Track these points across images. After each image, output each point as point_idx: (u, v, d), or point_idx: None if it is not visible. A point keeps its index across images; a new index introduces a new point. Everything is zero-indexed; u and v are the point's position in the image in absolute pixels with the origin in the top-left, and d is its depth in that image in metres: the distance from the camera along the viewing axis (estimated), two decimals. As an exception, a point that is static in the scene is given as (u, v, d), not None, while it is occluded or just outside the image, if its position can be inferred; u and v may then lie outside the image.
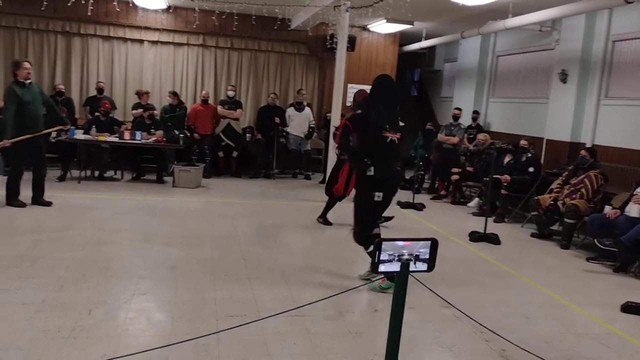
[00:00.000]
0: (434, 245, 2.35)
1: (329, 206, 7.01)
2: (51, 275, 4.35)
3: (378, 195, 4.42)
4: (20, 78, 6.51)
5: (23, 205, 6.70)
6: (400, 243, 2.27)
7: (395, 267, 2.28)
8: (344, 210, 6.42)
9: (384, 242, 2.23)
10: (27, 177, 6.90)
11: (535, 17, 8.26)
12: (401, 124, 4.56)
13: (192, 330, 3.52)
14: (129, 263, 4.88)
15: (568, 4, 7.58)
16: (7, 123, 6.44)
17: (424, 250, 2.30)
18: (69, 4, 8.08)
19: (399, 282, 2.31)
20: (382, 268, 2.27)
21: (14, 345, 3.15)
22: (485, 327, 3.31)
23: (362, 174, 4.48)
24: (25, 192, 6.87)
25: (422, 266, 2.33)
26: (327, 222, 6.97)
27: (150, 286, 4.33)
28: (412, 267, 2.30)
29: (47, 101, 7.03)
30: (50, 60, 10.59)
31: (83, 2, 8.16)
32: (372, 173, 4.37)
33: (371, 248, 4.29)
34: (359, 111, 4.58)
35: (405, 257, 2.24)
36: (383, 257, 2.23)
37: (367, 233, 4.52)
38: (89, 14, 8.85)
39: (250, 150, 10.54)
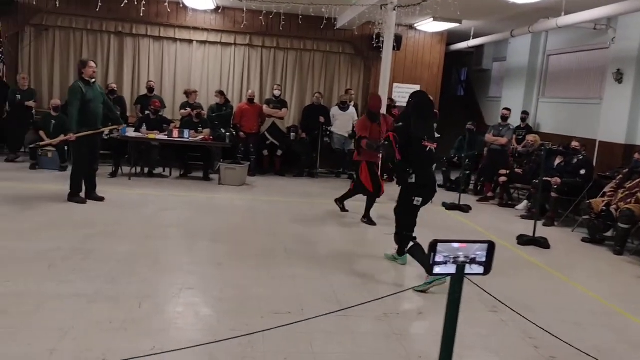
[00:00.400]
0: (491, 248, 2.29)
1: (369, 206, 7.05)
2: (103, 268, 4.50)
3: (417, 200, 4.82)
4: (85, 76, 6.76)
5: (84, 201, 6.88)
6: (455, 245, 2.22)
7: (450, 269, 2.24)
8: (387, 210, 6.38)
9: (439, 244, 2.19)
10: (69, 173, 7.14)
11: (590, 15, 7.98)
12: (437, 135, 5.13)
13: (237, 326, 3.57)
14: (177, 258, 4.99)
15: (625, 1, 7.29)
16: (71, 118, 6.73)
17: (480, 252, 2.25)
18: (122, 5, 8.30)
19: (454, 284, 2.27)
20: (437, 270, 2.23)
21: (69, 335, 3.27)
22: (540, 326, 3.22)
23: (404, 181, 4.85)
24: (65, 184, 7.12)
25: (478, 269, 2.28)
26: (371, 222, 6.97)
27: (197, 281, 4.42)
28: (467, 270, 2.25)
29: (107, 101, 7.29)
30: (103, 60, 10.95)
31: (136, 3, 8.37)
32: (413, 180, 4.76)
33: (410, 245, 4.83)
34: (400, 124, 4.90)
35: (461, 259, 2.20)
36: (438, 258, 2.18)
37: (406, 233, 4.91)
38: (142, 14, 9.08)
39: (294, 149, 10.61)
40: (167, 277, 4.44)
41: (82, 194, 7.00)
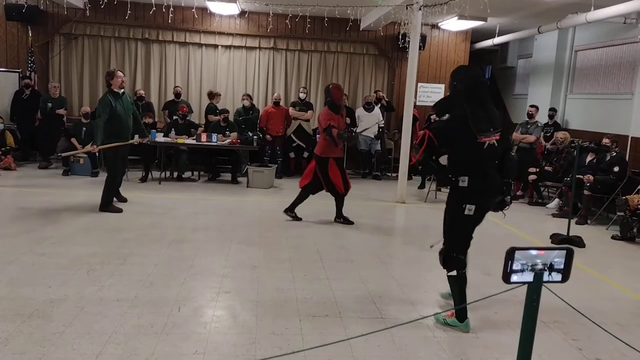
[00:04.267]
0: (570, 254, 2.22)
1: (339, 205, 6.85)
2: (141, 272, 4.57)
3: (470, 208, 3.72)
4: (114, 87, 6.75)
5: (119, 210, 6.88)
6: (533, 252, 2.16)
7: (527, 277, 2.18)
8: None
9: (517, 251, 2.14)
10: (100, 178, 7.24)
11: (621, 9, 7.85)
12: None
13: (276, 329, 3.59)
14: (212, 261, 5.04)
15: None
16: (97, 130, 6.73)
17: (558, 259, 2.19)
18: (151, 12, 8.43)
19: (531, 292, 2.22)
20: (515, 278, 2.17)
21: (112, 340, 3.32)
22: (597, 324, 3.17)
23: (452, 185, 3.80)
24: (95, 190, 7.26)
25: (557, 276, 2.21)
26: (347, 221, 6.83)
27: (234, 284, 4.45)
28: (545, 278, 2.19)
29: (135, 113, 7.28)
30: (131, 66, 11.12)
31: (163, 10, 8.50)
32: (465, 184, 3.71)
33: (453, 273, 3.82)
34: (446, 116, 3.77)
35: (539, 266, 2.15)
36: (515, 266, 2.14)
37: (456, 255, 3.83)
38: (169, 21, 9.20)
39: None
40: (204, 281, 4.49)
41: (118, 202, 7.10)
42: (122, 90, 6.90)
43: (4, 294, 3.96)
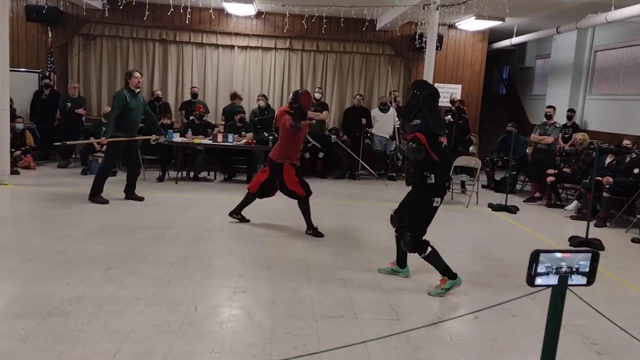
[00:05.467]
0: (595, 257, 2.20)
1: (307, 215, 6.22)
2: (158, 271, 4.60)
3: (437, 201, 4.41)
4: (131, 86, 7.12)
5: (106, 201, 7.12)
6: (558, 255, 2.14)
7: (552, 280, 2.16)
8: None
9: (541, 254, 2.11)
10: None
11: (642, 9, 7.73)
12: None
13: (292, 329, 3.59)
14: (228, 261, 5.06)
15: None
16: (109, 122, 7.06)
17: (583, 262, 2.16)
18: (168, 14, 8.49)
19: (555, 296, 2.19)
20: (539, 281, 2.14)
21: (129, 338, 3.35)
22: (620, 327, 3.12)
23: (421, 183, 4.39)
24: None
25: (581, 280, 2.19)
26: (317, 234, 6.16)
27: (249, 284, 4.46)
28: (570, 281, 2.17)
29: (148, 112, 7.57)
30: (148, 67, 11.22)
31: (181, 11, 8.56)
32: (432, 181, 4.34)
33: (428, 250, 4.43)
34: (417, 121, 4.33)
35: (564, 269, 2.13)
36: (540, 269, 2.11)
37: (422, 239, 4.48)
38: (187, 22, 9.28)
39: (336, 152, 10.62)
40: (220, 280, 4.51)
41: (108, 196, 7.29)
42: (138, 90, 7.20)
43: (24, 291, 4.01)
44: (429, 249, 4.46)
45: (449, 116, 10.08)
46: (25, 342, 3.21)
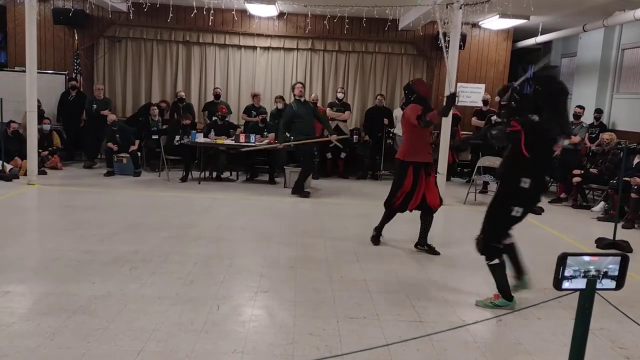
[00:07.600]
0: (624, 261, 2.15)
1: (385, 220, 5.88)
2: (181, 270, 4.64)
3: (517, 211, 3.88)
4: (296, 96, 8.44)
5: (307, 195, 8.37)
6: (586, 258, 2.10)
7: (580, 283, 2.12)
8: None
9: (569, 257, 2.08)
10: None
11: (672, 5, 7.55)
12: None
13: (313, 330, 3.59)
14: (250, 261, 5.07)
15: None
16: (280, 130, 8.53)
17: (612, 266, 2.12)
18: (191, 15, 8.57)
19: (584, 300, 2.15)
20: (566, 285, 2.11)
21: (154, 337, 3.38)
22: None
23: (512, 184, 3.90)
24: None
25: (610, 283, 2.14)
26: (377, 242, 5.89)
27: (271, 284, 4.47)
28: (598, 285, 2.13)
29: (317, 116, 8.77)
30: (172, 68, 11.34)
31: (204, 12, 8.64)
32: (526, 185, 3.81)
33: (495, 261, 4.00)
34: (534, 117, 3.76)
35: (592, 273, 2.09)
36: (567, 273, 2.07)
37: (493, 244, 4.01)
38: (209, 23, 9.35)
39: (357, 152, 10.59)
40: (243, 280, 4.53)
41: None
42: (302, 98, 8.64)
43: (50, 290, 4.08)
44: (497, 260, 4.00)
45: (495, 116, 9.91)
46: (51, 340, 3.27)
